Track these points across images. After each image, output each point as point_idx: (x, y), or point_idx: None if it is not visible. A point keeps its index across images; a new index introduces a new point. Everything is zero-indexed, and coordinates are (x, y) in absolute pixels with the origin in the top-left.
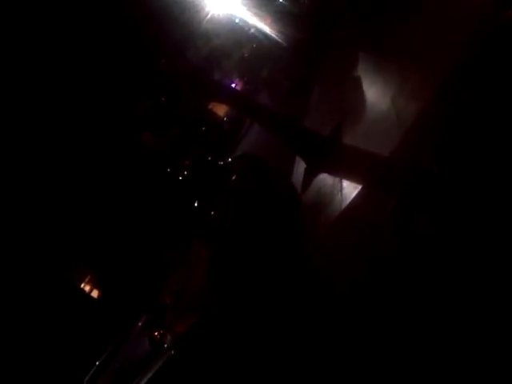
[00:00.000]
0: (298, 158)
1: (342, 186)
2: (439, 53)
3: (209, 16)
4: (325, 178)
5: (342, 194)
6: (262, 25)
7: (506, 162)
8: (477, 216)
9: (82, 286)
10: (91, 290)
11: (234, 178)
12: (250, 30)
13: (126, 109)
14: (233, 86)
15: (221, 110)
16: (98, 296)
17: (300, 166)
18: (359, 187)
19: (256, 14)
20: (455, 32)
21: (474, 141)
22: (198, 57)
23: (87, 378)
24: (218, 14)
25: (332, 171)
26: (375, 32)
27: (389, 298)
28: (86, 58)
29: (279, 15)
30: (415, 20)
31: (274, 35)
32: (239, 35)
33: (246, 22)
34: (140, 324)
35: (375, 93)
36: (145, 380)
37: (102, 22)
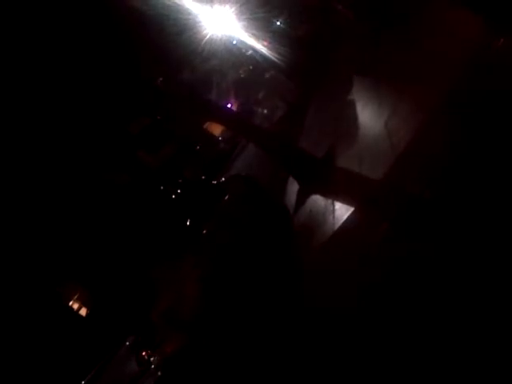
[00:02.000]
0: (291, 179)
1: (334, 207)
2: (433, 79)
3: (207, 37)
4: (317, 200)
5: (334, 216)
6: (259, 46)
7: (499, 187)
8: (469, 241)
9: (71, 303)
10: (79, 308)
11: (226, 198)
12: (247, 51)
13: (122, 126)
14: (229, 106)
15: (216, 129)
16: (86, 314)
17: (293, 187)
18: (351, 209)
19: (254, 36)
20: (449, 59)
21: (466, 166)
22: (195, 76)
23: None
24: (217, 35)
25: (325, 193)
26: (371, 56)
27: (379, 319)
28: (84, 76)
29: (277, 37)
30: (410, 46)
31: (271, 57)
32: (237, 56)
33: (243, 43)
34: (127, 343)
35: (369, 116)
36: None
37: (101, 41)
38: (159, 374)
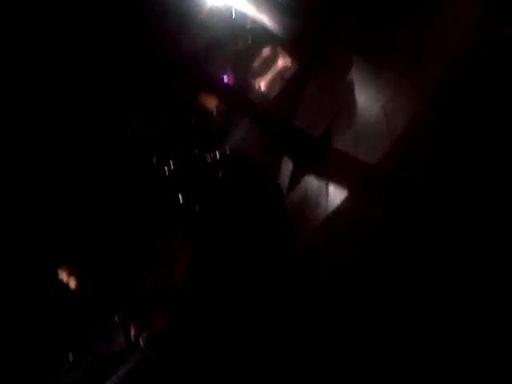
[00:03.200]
0: (285, 158)
1: (328, 190)
2: (433, 65)
3: (207, 7)
4: (311, 181)
5: (328, 200)
6: (259, 19)
7: (493, 172)
8: (463, 224)
9: (60, 277)
10: (68, 282)
11: (220, 173)
12: (247, 23)
13: (116, 97)
14: (225, 78)
15: (211, 102)
16: (75, 288)
17: (287, 166)
18: (345, 192)
19: (254, 8)
20: (451, 46)
21: (461, 151)
22: (193, 47)
23: (59, 369)
24: (216, 6)
25: (319, 174)
26: (372, 37)
27: (373, 303)
28: (78, 44)
29: (277, 10)
30: (412, 31)
31: (271, 30)
32: (236, 28)
33: (243, 15)
34: (116, 319)
35: (367, 99)
36: (118, 377)
37: (98, 9)
38: (147, 350)
